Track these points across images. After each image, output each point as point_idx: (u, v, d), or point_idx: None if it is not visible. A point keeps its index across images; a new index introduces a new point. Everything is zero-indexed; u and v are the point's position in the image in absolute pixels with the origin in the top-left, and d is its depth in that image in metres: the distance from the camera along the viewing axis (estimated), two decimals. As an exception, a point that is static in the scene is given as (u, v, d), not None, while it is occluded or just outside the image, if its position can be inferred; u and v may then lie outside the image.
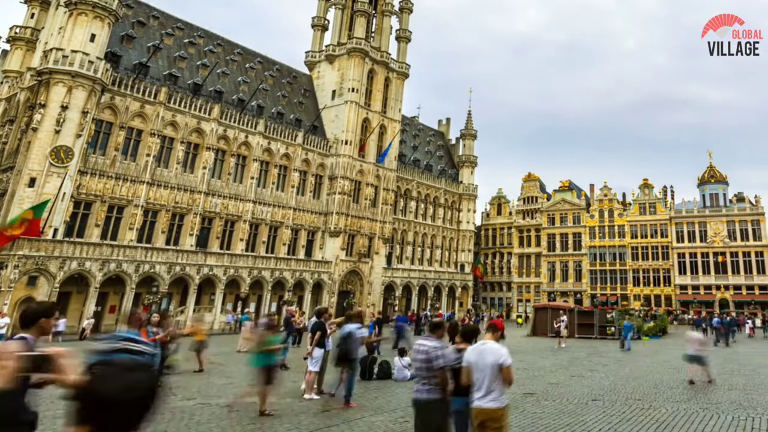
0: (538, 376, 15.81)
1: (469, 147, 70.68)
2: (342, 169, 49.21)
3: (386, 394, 12.05)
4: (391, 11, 57.56)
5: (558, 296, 68.46)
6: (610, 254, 68.95)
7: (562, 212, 72.51)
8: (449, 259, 64.64)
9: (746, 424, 9.48)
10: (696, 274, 64.78)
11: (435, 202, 63.19)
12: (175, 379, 12.80)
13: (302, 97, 52.33)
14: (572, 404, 11.29)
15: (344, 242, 49.35)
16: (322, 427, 8.75)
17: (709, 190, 67.21)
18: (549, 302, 53.37)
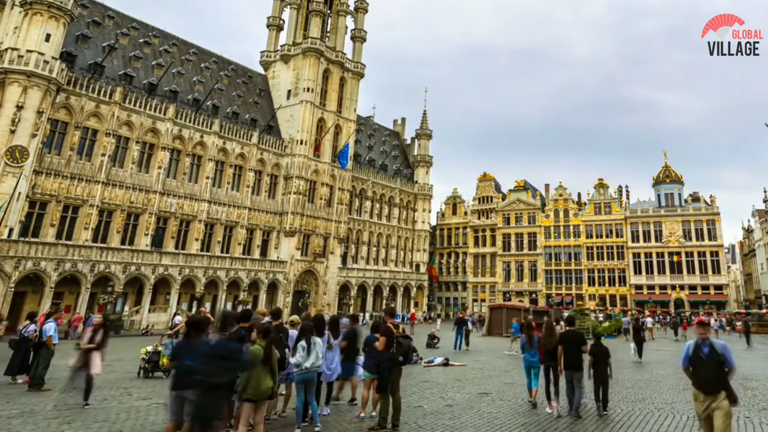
0: (493, 376, 16.47)
1: (425, 147, 74.26)
2: (297, 168, 51.87)
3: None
4: (346, 11, 60.71)
5: (513, 296, 71.34)
6: (566, 254, 71.86)
7: (517, 212, 75.75)
8: (404, 258, 67.96)
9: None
10: (651, 274, 67.08)
11: (390, 202, 66.45)
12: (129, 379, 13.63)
13: (257, 97, 54.87)
14: (527, 404, 11.77)
15: (299, 242, 51.96)
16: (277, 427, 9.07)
17: (665, 189, 69.52)
18: (504, 302, 55.63)
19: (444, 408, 11.12)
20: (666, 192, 69.31)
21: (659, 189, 69.81)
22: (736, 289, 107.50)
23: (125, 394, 12.12)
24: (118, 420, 9.60)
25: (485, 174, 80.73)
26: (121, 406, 10.88)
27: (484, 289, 75.61)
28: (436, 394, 12.97)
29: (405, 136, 79.01)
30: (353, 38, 62.23)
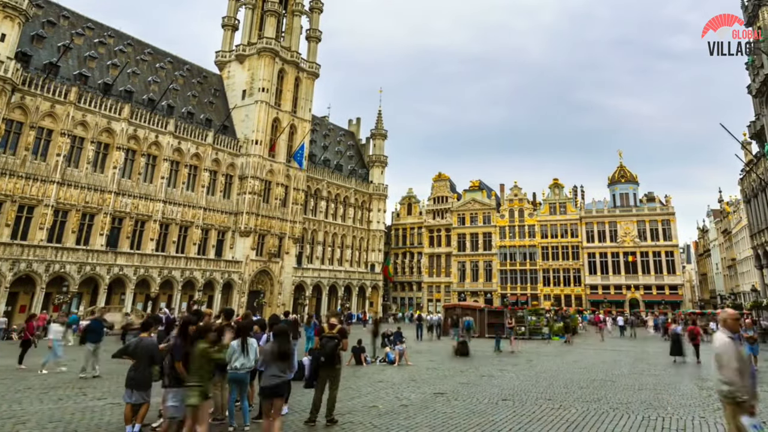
0: (448, 376, 17.00)
1: (380, 147, 77.53)
2: (252, 168, 54.32)
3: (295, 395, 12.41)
4: (301, 11, 63.49)
5: (468, 296, 73.54)
6: (521, 254, 74.20)
7: (472, 212, 78.44)
8: (360, 258, 71.05)
9: (656, 423, 10.16)
10: (606, 274, 69.19)
11: (345, 202, 69.46)
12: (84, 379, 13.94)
13: (213, 97, 57.15)
14: (482, 404, 12.09)
15: (254, 242, 54.42)
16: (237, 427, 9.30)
17: (620, 189, 71.67)
18: (459, 302, 57.56)
19: (399, 408, 11.50)
20: (621, 192, 71.57)
21: (614, 189, 72.18)
22: (691, 289, 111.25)
23: (80, 394, 12.44)
24: (73, 420, 9.91)
25: (440, 174, 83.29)
26: (77, 406, 11.26)
27: (439, 289, 78.30)
28: (391, 394, 13.36)
29: (360, 136, 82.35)
30: (308, 38, 65.13)
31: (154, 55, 53.58)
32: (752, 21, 40.24)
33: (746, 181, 46.49)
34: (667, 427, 9.91)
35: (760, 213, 43.24)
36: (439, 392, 13.67)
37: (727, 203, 77.02)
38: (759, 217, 43.58)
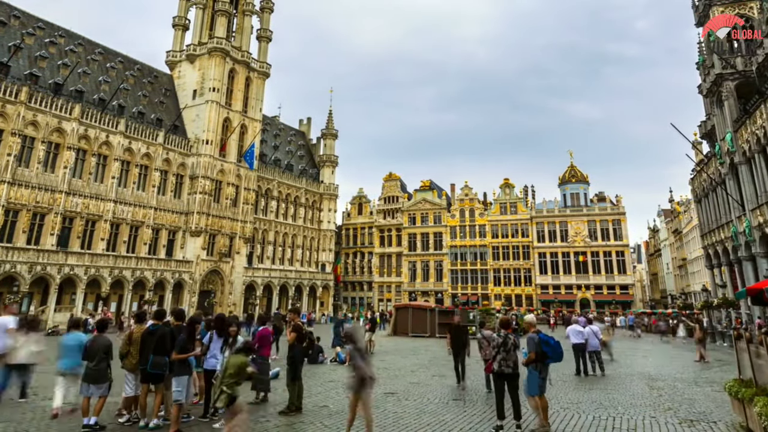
0: (399, 376, 17.44)
1: (330, 147, 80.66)
2: (203, 168, 56.64)
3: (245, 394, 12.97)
4: (252, 11, 66.10)
5: (419, 296, 76.37)
6: (471, 254, 76.78)
7: (423, 212, 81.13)
8: (310, 258, 74.00)
9: (607, 423, 10.41)
10: (557, 274, 71.55)
11: (296, 202, 72.31)
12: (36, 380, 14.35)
13: (163, 97, 59.23)
14: (433, 404, 12.43)
15: (205, 242, 56.71)
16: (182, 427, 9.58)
17: (570, 189, 74.14)
18: (410, 302, 59.61)
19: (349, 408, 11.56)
20: (572, 192, 74.11)
21: (565, 189, 74.73)
22: (641, 288, 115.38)
23: (31, 394, 12.60)
24: (24, 420, 10.16)
25: (391, 174, 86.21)
26: (27, 406, 11.49)
27: (390, 289, 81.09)
28: (342, 393, 13.64)
29: (311, 136, 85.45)
30: (259, 38, 67.85)
31: (104, 55, 55.42)
32: (703, 21, 41.39)
33: (697, 181, 47.60)
34: (617, 427, 10.23)
35: (710, 213, 44.39)
36: (390, 392, 14.11)
37: (677, 203, 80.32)
38: (710, 216, 44.70)
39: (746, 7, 38.62)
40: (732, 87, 36.71)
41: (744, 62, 36.89)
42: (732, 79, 36.82)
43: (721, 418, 11.02)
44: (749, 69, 35.98)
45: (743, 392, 9.49)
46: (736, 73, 36.57)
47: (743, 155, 34.65)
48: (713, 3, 39.33)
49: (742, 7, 38.67)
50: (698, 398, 13.73)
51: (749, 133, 33.05)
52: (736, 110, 36.25)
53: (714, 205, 42.95)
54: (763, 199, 31.93)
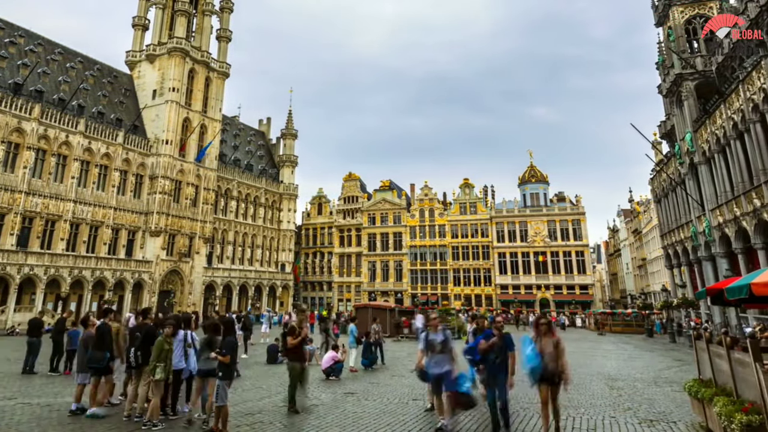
0: (359, 376, 17.69)
1: (290, 146, 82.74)
2: (163, 168, 58.18)
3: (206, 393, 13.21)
4: (211, 11, 67.87)
5: (379, 296, 77.46)
6: (431, 254, 78.00)
7: (382, 212, 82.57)
8: (270, 258, 75.88)
9: (567, 423, 10.56)
10: (517, 274, 72.48)
11: (256, 202, 74.11)
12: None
13: (123, 97, 60.57)
14: (393, 404, 12.66)
15: (165, 242, 58.25)
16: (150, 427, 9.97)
17: (530, 189, 75.38)
18: (369, 302, 60.46)
19: (310, 407, 12.07)
20: (531, 192, 75.43)
21: (525, 189, 76.07)
22: (601, 288, 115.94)
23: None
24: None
25: (351, 174, 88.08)
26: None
27: (350, 289, 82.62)
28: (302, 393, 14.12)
29: (270, 135, 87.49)
30: (219, 38, 69.64)
31: (64, 55, 56.53)
32: (663, 21, 42.14)
33: (657, 181, 48.14)
34: (577, 427, 10.38)
35: (670, 213, 44.95)
36: (350, 392, 14.40)
37: (637, 203, 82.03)
38: (669, 216, 45.22)
39: (706, 7, 39.51)
40: (692, 87, 37.45)
41: (704, 62, 37.64)
42: (692, 79, 37.54)
43: (680, 418, 11.26)
44: (709, 69, 36.71)
45: (703, 392, 9.63)
46: (695, 73, 37.32)
47: (703, 155, 35.27)
48: (673, 3, 40.12)
49: (701, 6, 39.62)
50: (658, 398, 14.03)
51: (709, 133, 33.60)
52: (696, 110, 36.90)
53: (674, 205, 43.69)
54: (722, 199, 32.32)
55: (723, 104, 30.99)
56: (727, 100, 30.43)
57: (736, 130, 29.44)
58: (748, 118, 27.51)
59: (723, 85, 33.31)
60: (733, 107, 29.67)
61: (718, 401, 8.49)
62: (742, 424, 7.38)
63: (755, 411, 7.37)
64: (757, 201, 27.09)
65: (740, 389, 8.38)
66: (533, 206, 74.98)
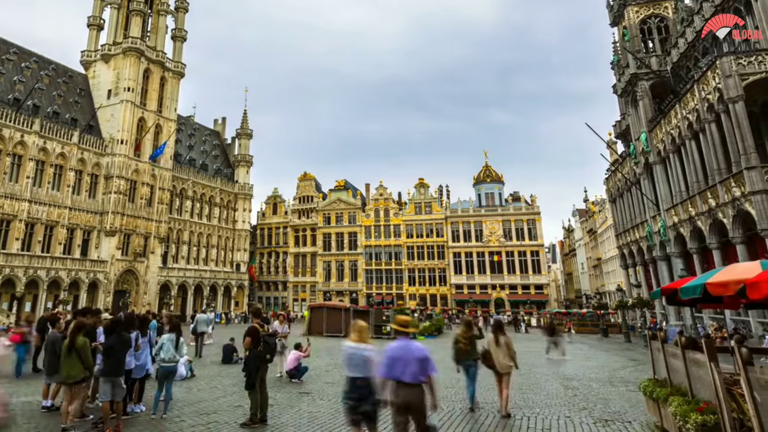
0: (314, 376, 17.85)
1: (245, 146, 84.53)
2: (118, 168, 59.58)
3: None
4: (166, 11, 69.46)
5: (334, 296, 78.39)
6: (386, 254, 79.25)
7: (337, 212, 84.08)
8: (225, 258, 77.55)
9: (522, 423, 10.80)
10: (472, 274, 73.38)
11: (211, 202, 75.80)
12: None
13: (78, 97, 61.67)
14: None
15: (120, 242, 59.63)
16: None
17: (485, 189, 76.19)
18: (325, 302, 59.57)
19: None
20: (487, 191, 76.24)
21: (480, 189, 77.00)
22: (556, 288, 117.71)
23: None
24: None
25: (306, 174, 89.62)
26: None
27: (305, 289, 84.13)
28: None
29: (226, 135, 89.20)
30: (174, 38, 71.25)
31: (19, 55, 57.48)
32: (618, 21, 42.93)
33: (612, 181, 49.09)
34: (532, 427, 10.53)
35: (625, 212, 45.69)
36: (305, 392, 14.58)
37: (592, 203, 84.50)
38: (624, 216, 46.02)
39: (661, 7, 40.26)
40: (647, 87, 38.17)
41: (659, 62, 38.43)
42: (647, 79, 38.23)
43: (635, 418, 11.39)
44: (664, 69, 37.51)
45: (658, 392, 9.74)
46: (650, 72, 37.80)
47: (658, 155, 36.04)
48: (628, 3, 40.72)
49: (656, 6, 40.32)
50: (613, 398, 14.16)
51: (664, 133, 34.30)
52: (651, 110, 37.72)
53: (629, 205, 44.48)
54: (677, 199, 32.94)
55: (678, 104, 31.69)
56: (682, 100, 31.12)
57: (691, 130, 30.31)
58: (703, 118, 28.32)
59: (678, 84, 34.01)
60: (688, 107, 30.36)
61: (673, 401, 8.59)
62: (697, 424, 7.48)
63: (710, 411, 7.46)
64: (712, 201, 27.75)
65: (695, 389, 8.49)
66: (488, 206, 76.03)
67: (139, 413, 11.23)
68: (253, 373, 10.44)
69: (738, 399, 7.04)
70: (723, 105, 26.02)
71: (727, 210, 26.28)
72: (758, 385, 6.10)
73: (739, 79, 25.11)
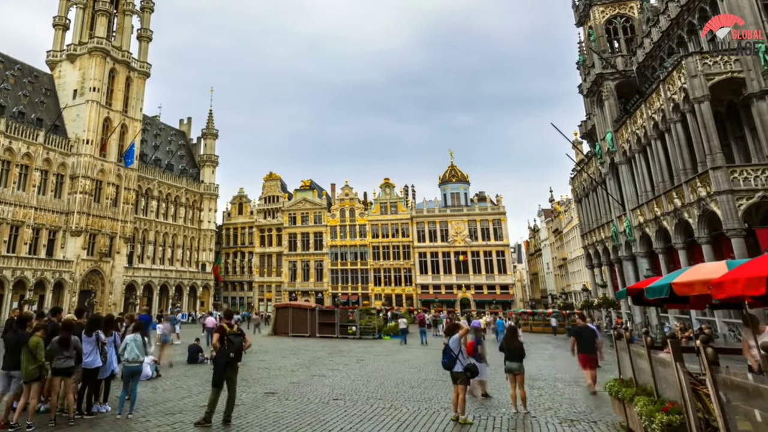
0: (279, 375, 18.09)
1: (211, 146, 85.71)
2: (83, 168, 60.51)
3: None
4: (132, 11, 70.52)
5: (299, 296, 79.50)
6: (352, 254, 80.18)
7: (303, 212, 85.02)
8: (191, 258, 78.77)
9: (488, 423, 11.02)
10: (437, 274, 74.34)
11: (176, 202, 76.95)
12: None
13: (44, 97, 62.40)
14: (314, 404, 13.01)
15: (86, 242, 60.54)
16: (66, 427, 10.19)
17: (451, 189, 77.27)
18: (290, 302, 62.07)
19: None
20: (452, 191, 77.39)
21: (445, 189, 78.09)
22: (522, 288, 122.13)
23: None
24: None
25: (271, 174, 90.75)
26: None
27: (270, 289, 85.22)
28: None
29: (191, 135, 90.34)
30: (139, 38, 72.31)
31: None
32: (583, 21, 42.69)
33: (577, 181, 48.79)
34: (498, 427, 10.75)
35: (591, 212, 45.54)
36: (271, 392, 14.68)
37: (558, 203, 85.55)
38: (590, 216, 45.86)
39: (626, 7, 40.06)
40: (612, 87, 38.04)
41: (624, 62, 38.39)
42: (612, 79, 38.16)
43: (601, 418, 11.48)
44: (629, 69, 37.67)
45: (624, 392, 9.82)
46: (616, 72, 37.84)
47: (624, 155, 35.96)
48: (593, 3, 40.47)
49: (622, 6, 40.13)
50: (578, 398, 14.37)
51: (630, 133, 34.18)
52: (617, 110, 37.60)
53: (594, 205, 44.43)
54: (643, 199, 32.89)
55: (644, 104, 31.64)
56: (647, 100, 31.06)
57: (657, 130, 30.22)
58: (668, 118, 28.16)
59: (644, 84, 34.05)
60: (653, 107, 30.28)
61: (638, 401, 8.61)
62: (662, 424, 7.50)
63: (675, 411, 7.48)
64: (677, 201, 27.63)
65: (661, 389, 8.52)
66: (454, 206, 77.07)
67: (105, 413, 11.30)
68: (220, 370, 10.55)
69: (704, 399, 6.99)
70: (689, 105, 25.90)
71: (692, 210, 26.17)
72: (724, 385, 6.07)
73: (705, 79, 25.07)
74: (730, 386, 5.96)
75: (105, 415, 11.20)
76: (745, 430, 5.80)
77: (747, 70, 24.45)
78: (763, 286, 5.84)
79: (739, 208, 23.21)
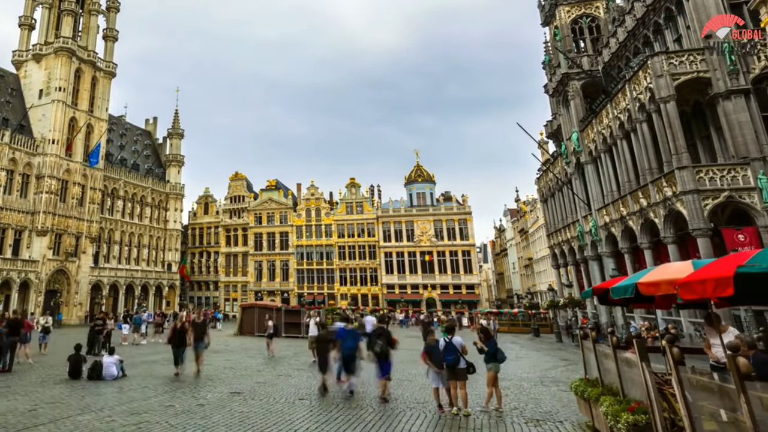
0: (245, 375, 18.27)
1: (177, 146, 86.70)
2: (49, 168, 61.29)
3: (93, 393, 14.33)
4: (98, 10, 71.41)
5: (265, 295, 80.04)
6: (318, 253, 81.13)
7: (269, 211, 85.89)
8: (156, 258, 79.69)
9: (452, 423, 11.10)
10: (403, 274, 75.10)
11: (142, 202, 77.87)
12: None
13: (9, 97, 62.93)
14: (279, 403, 13.14)
15: (51, 241, 61.33)
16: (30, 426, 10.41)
17: (417, 189, 77.87)
18: (256, 301, 59.84)
19: (196, 407, 12.38)
20: (418, 191, 77.98)
21: (411, 188, 78.79)
22: (488, 288, 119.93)
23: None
24: None
25: (237, 173, 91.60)
26: None
27: (236, 289, 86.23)
28: (188, 393, 14.45)
29: (157, 135, 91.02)
30: (105, 38, 73.12)
31: (-50, 55, 58.05)
32: (549, 20, 43.10)
33: (543, 181, 49.56)
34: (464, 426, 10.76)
35: (556, 212, 46.07)
36: (236, 391, 14.76)
37: (524, 203, 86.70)
38: (556, 216, 46.41)
39: (592, 7, 40.49)
40: (578, 86, 38.45)
41: (590, 61, 38.69)
42: (578, 79, 38.42)
43: (567, 418, 11.55)
44: (595, 68, 37.80)
45: (589, 392, 9.86)
46: (582, 72, 37.81)
47: (589, 155, 36.38)
48: (559, 2, 40.84)
49: (588, 6, 40.53)
50: (544, 398, 14.36)
51: (595, 133, 34.51)
52: (583, 110, 38.01)
53: (560, 205, 44.94)
54: (609, 199, 33.21)
55: (609, 104, 31.91)
56: (613, 100, 31.34)
57: (623, 130, 30.61)
58: (634, 118, 28.54)
59: (609, 84, 34.25)
60: (619, 107, 30.58)
61: (604, 401, 8.66)
62: (628, 424, 7.54)
63: (641, 410, 7.53)
64: (643, 200, 27.87)
65: (627, 389, 8.57)
66: (420, 206, 77.71)
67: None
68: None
69: (669, 398, 7.05)
70: (654, 105, 26.25)
71: (658, 210, 26.39)
72: (689, 385, 6.14)
73: (671, 79, 25.32)
74: (695, 386, 6.16)
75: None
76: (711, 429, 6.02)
77: (713, 69, 24.95)
78: (730, 287, 5.88)
79: (705, 207, 23.61)
